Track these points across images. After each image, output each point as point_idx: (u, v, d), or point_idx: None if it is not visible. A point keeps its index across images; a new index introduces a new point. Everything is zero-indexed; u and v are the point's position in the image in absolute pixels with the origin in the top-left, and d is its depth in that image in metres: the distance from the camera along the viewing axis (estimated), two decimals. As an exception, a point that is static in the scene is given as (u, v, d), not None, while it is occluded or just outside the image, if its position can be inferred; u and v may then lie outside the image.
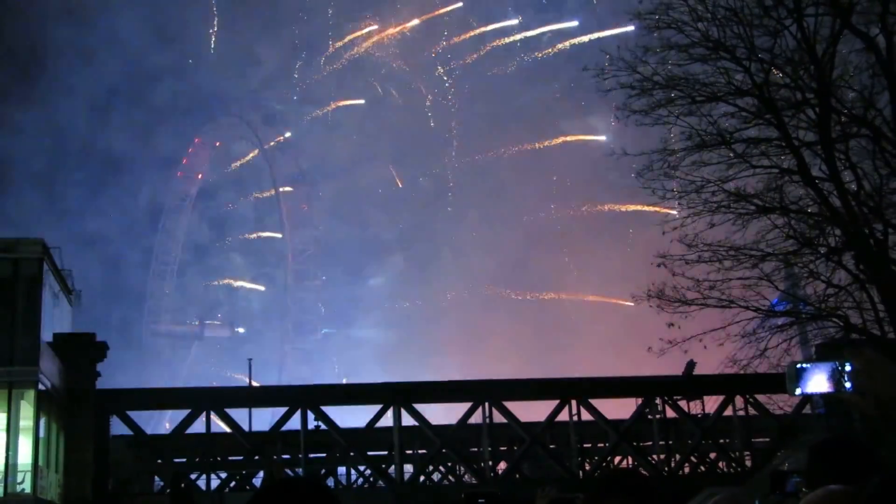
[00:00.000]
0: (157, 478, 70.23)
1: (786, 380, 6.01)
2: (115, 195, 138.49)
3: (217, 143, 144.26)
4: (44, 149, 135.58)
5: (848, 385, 5.42)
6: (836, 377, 5.60)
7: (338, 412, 62.01)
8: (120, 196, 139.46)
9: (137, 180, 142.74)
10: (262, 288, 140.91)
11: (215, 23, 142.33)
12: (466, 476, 70.26)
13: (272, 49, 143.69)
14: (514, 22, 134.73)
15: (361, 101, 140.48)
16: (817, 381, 5.61)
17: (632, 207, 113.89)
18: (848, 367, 5.35)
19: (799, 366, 5.83)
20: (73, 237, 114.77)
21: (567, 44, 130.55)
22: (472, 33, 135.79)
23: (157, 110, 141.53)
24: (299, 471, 59.35)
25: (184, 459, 69.03)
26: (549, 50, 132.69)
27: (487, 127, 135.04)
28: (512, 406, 61.36)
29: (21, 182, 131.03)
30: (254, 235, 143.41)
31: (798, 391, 5.68)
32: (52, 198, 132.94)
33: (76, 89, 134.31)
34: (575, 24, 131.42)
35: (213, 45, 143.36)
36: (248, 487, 70.19)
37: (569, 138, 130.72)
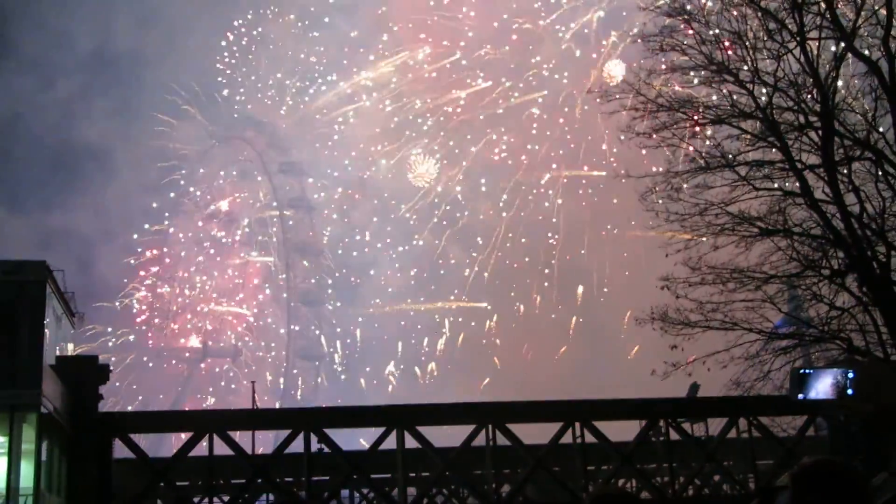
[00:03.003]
0: (159, 501, 70.01)
1: (789, 384, 6.00)
2: (86, 188, 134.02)
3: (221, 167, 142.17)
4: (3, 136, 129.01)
5: (850, 391, 5.41)
6: (839, 383, 5.59)
7: (340, 435, 61.83)
8: (92, 189, 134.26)
9: (111, 172, 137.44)
10: (260, 311, 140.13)
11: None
12: (470, 499, 70.03)
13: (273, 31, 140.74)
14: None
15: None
16: (820, 387, 5.60)
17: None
18: (851, 374, 5.35)
19: (802, 370, 5.82)
20: (41, 232, 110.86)
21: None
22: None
23: (133, 97, 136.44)
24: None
25: (187, 483, 68.79)
26: None
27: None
28: (515, 428, 61.16)
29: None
30: (253, 255, 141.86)
31: (801, 396, 5.66)
32: (12, 189, 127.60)
33: (44, 70, 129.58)
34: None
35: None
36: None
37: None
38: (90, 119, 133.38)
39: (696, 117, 32.00)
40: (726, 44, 31.63)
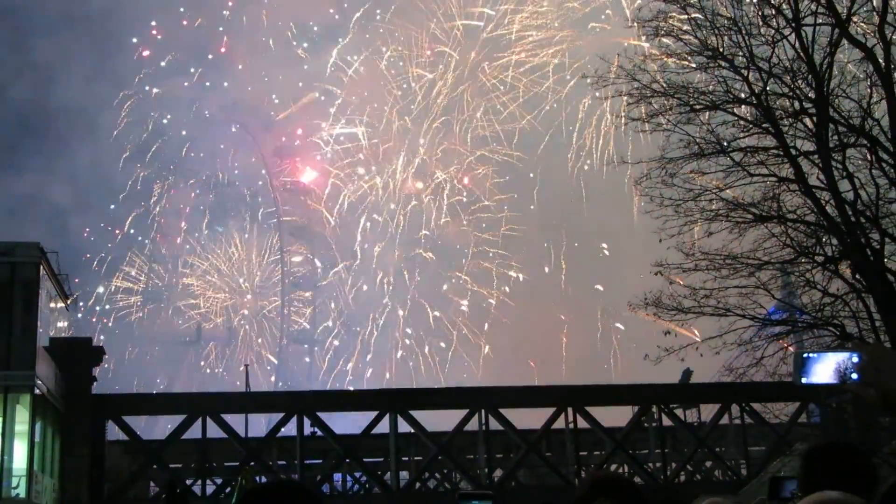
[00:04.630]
0: (152, 483, 70.12)
1: (792, 369, 5.99)
2: (60, 152, 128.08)
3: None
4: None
5: (854, 376, 5.40)
6: (842, 368, 5.57)
7: (334, 418, 61.93)
8: (67, 154, 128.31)
9: (88, 137, 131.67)
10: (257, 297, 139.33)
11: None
12: (462, 483, 70.16)
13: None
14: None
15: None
16: (823, 372, 5.58)
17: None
18: (855, 359, 5.34)
19: (805, 355, 5.78)
20: (10, 197, 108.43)
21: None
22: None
23: (114, 58, 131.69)
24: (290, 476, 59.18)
25: (179, 465, 68.90)
26: None
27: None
28: (508, 413, 61.27)
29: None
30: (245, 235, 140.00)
31: (804, 380, 5.64)
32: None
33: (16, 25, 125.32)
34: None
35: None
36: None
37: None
38: (65, 79, 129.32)
39: (690, 103, 31.93)
40: (721, 29, 31.58)
